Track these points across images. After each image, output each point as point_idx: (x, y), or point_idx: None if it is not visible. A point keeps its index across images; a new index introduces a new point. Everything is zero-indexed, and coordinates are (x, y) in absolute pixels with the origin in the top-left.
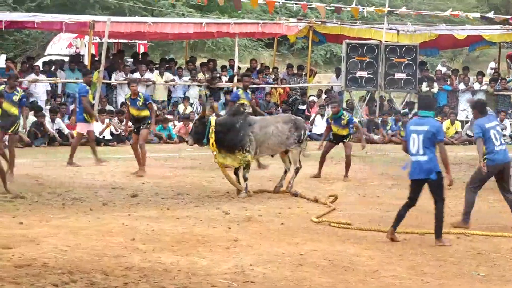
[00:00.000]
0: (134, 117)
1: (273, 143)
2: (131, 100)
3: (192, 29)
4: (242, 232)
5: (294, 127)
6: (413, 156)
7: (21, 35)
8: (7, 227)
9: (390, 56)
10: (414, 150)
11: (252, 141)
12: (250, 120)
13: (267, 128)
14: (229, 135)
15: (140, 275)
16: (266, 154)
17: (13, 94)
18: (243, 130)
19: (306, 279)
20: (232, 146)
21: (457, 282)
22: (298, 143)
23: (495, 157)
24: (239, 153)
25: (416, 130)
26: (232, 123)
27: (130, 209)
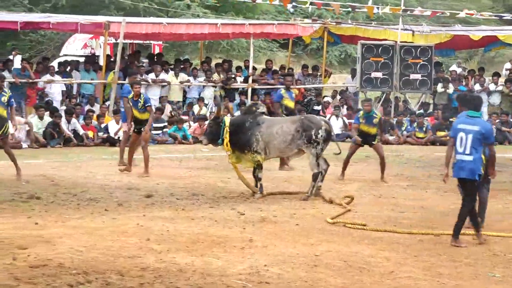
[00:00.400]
0: (136, 118)
1: (279, 144)
2: (133, 101)
3: (207, 30)
4: (257, 233)
5: (302, 127)
6: (459, 155)
7: (36, 35)
8: (23, 227)
9: (405, 56)
10: (460, 149)
11: (259, 141)
12: (259, 120)
13: (272, 128)
14: (240, 135)
15: (155, 275)
16: (276, 155)
17: (1, 95)
18: (251, 130)
19: (321, 280)
20: (242, 146)
21: (472, 283)
22: (309, 144)
23: None
24: (248, 153)
25: (465, 129)
26: (243, 122)
27: (145, 209)
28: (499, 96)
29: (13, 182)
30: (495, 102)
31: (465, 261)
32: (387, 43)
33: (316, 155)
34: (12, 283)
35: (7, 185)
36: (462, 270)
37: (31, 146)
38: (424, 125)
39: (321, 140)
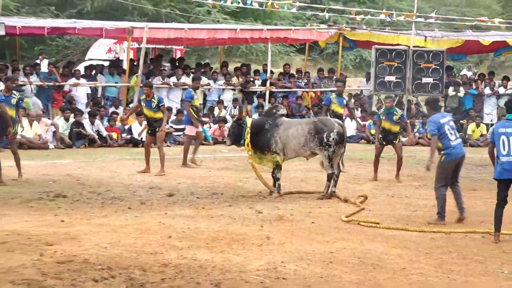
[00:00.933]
0: (149, 119)
1: (294, 145)
2: (146, 102)
3: (227, 35)
4: (274, 231)
5: (314, 130)
6: (504, 157)
7: (62, 40)
8: (50, 225)
9: (417, 61)
10: (504, 152)
11: (278, 142)
12: (277, 122)
13: (289, 130)
14: (260, 136)
15: (176, 271)
16: (293, 156)
17: (10, 97)
18: (270, 131)
19: (336, 276)
20: (262, 147)
21: (482, 279)
22: (322, 146)
23: (452, 152)
24: (268, 154)
25: (506, 132)
26: (263, 124)
27: (167, 208)
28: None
29: (41, 182)
30: None
31: (475, 258)
32: (400, 48)
33: (328, 157)
34: (40, 278)
35: (35, 185)
36: (472, 267)
37: (57, 147)
38: None
39: (333, 143)
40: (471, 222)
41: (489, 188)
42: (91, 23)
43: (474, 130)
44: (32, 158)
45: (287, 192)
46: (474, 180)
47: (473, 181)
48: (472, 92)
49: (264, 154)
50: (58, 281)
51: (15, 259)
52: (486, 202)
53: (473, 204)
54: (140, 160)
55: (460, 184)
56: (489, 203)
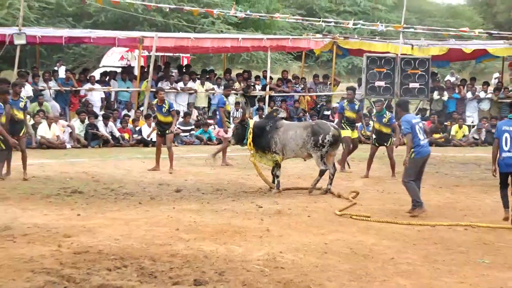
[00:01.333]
0: (161, 122)
1: (293, 146)
2: (158, 107)
3: (230, 44)
4: (273, 224)
5: (312, 133)
6: (506, 153)
7: (79, 49)
8: (67, 218)
9: (405, 67)
10: (506, 148)
11: (277, 143)
12: (278, 124)
13: (288, 132)
14: (261, 137)
15: (183, 261)
16: (291, 156)
17: (18, 101)
18: (270, 133)
19: (330, 266)
20: (263, 147)
21: (465, 269)
22: (316, 147)
23: (421, 150)
24: (269, 153)
25: (509, 130)
26: (264, 126)
27: (175, 203)
28: (489, 102)
29: (59, 179)
30: (485, 108)
31: (458, 249)
32: (389, 56)
33: (320, 156)
34: (58, 267)
35: (53, 181)
36: (455, 257)
37: (74, 146)
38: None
39: (327, 144)
40: (454, 216)
41: (471, 185)
42: (105, 33)
43: (457, 131)
44: (51, 157)
45: (285, 188)
46: (458, 177)
47: (457, 178)
48: (455, 96)
49: (265, 154)
50: (74, 270)
51: (35, 250)
52: (468, 197)
53: (456, 199)
54: (149, 159)
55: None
56: (471, 198)
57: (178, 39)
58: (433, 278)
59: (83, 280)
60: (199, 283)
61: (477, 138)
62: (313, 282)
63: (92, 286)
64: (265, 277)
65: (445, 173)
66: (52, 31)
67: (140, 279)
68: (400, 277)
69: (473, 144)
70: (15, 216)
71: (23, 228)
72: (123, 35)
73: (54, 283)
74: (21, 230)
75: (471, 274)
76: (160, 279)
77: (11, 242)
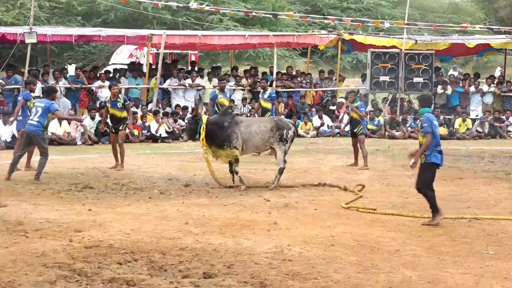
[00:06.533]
0: (115, 118)
1: (256, 141)
2: (112, 102)
3: (237, 41)
4: (281, 217)
5: (276, 127)
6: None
7: (88, 47)
8: (78, 213)
9: (409, 62)
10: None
11: (239, 138)
12: (237, 120)
13: (251, 127)
14: (218, 132)
15: (193, 254)
16: (251, 151)
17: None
18: (230, 128)
19: (337, 258)
20: (221, 142)
21: (469, 259)
22: (280, 142)
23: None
24: (227, 148)
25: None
26: (222, 121)
27: (184, 197)
28: (492, 96)
29: (70, 174)
30: (488, 102)
31: (462, 240)
32: (393, 51)
33: (284, 152)
34: (69, 261)
35: (64, 177)
36: (460, 249)
37: (85, 143)
38: None
39: (289, 139)
40: (459, 208)
41: (474, 177)
42: (114, 31)
43: (460, 125)
44: (62, 153)
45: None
46: (461, 170)
47: (460, 170)
48: (459, 90)
49: (222, 149)
50: (86, 264)
51: (47, 245)
52: (472, 190)
53: (460, 191)
54: (158, 154)
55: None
56: (475, 190)
57: (186, 36)
58: (438, 269)
59: (94, 274)
60: (208, 275)
61: (480, 131)
62: (320, 274)
63: (103, 279)
64: (273, 270)
65: (448, 166)
66: (62, 30)
67: (150, 273)
68: (406, 269)
69: (477, 137)
70: (27, 211)
71: (35, 223)
72: (132, 33)
73: (66, 277)
74: (33, 225)
75: (476, 265)
76: (170, 272)
77: (24, 237)
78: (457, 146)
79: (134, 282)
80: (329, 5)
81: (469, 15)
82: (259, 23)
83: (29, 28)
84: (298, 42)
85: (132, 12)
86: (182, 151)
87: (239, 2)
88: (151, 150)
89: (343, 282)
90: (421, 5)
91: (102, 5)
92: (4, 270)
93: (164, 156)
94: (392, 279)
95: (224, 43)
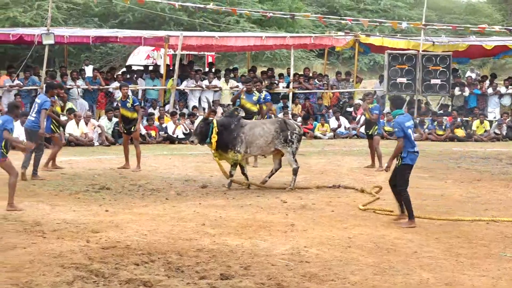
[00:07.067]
0: (126, 118)
1: (262, 143)
2: (122, 102)
3: (253, 42)
4: (297, 218)
5: (280, 128)
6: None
7: (105, 48)
8: (95, 214)
9: (426, 64)
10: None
11: (243, 141)
12: (242, 122)
13: (255, 129)
14: (225, 135)
15: (209, 255)
16: (257, 154)
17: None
18: (236, 130)
19: (354, 259)
20: (226, 145)
21: (487, 262)
22: (286, 143)
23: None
24: (230, 152)
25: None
26: (229, 124)
27: (201, 198)
28: (510, 98)
29: (87, 175)
30: (506, 103)
31: (480, 242)
32: (411, 52)
33: (292, 153)
34: (87, 262)
35: (81, 178)
36: (477, 251)
37: (102, 144)
38: (443, 124)
39: (295, 140)
40: (476, 210)
41: (492, 179)
42: (131, 32)
43: (478, 127)
44: (79, 154)
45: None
46: (479, 172)
47: (478, 172)
48: (476, 92)
49: (226, 152)
50: (103, 264)
51: (65, 245)
52: (489, 192)
53: (477, 193)
54: (175, 156)
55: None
56: (493, 192)
57: (203, 37)
58: (456, 271)
59: (111, 275)
60: (225, 277)
61: (498, 133)
62: (337, 275)
63: (120, 280)
64: (290, 271)
65: (466, 168)
66: (79, 31)
67: (167, 274)
68: (423, 271)
69: (494, 139)
70: (45, 212)
71: (52, 224)
72: (149, 34)
73: (83, 277)
74: (50, 226)
75: (493, 267)
76: (187, 274)
77: (41, 238)
78: (474, 148)
79: (151, 283)
80: (346, 6)
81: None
82: (276, 25)
83: (47, 29)
84: (315, 44)
85: (149, 13)
86: (199, 153)
87: (255, 4)
88: (168, 151)
89: (360, 284)
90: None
91: (119, 6)
92: (21, 271)
93: (181, 157)
94: (409, 281)
95: (240, 44)
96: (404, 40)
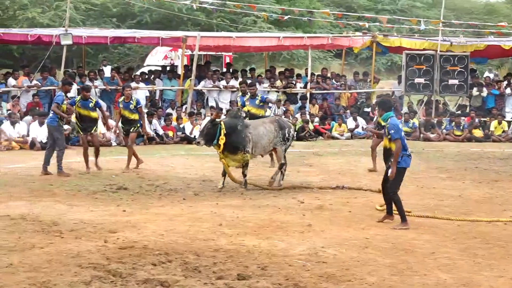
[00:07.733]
0: (126, 119)
1: (265, 143)
2: (124, 103)
3: (271, 42)
4: (314, 219)
5: (279, 127)
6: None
7: (123, 48)
8: (113, 214)
9: (444, 64)
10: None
11: (251, 141)
12: (246, 123)
13: (259, 129)
14: (233, 136)
15: (226, 256)
16: (258, 154)
17: (88, 101)
18: (243, 131)
19: (371, 260)
20: (235, 147)
21: (504, 262)
22: (283, 141)
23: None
24: (240, 153)
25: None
26: (236, 125)
27: (218, 198)
28: None
29: (105, 176)
30: None
31: (497, 243)
32: (428, 53)
33: (284, 150)
34: (104, 262)
35: (99, 178)
36: (495, 251)
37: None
38: (461, 124)
39: (291, 138)
40: (494, 211)
41: (510, 180)
42: (149, 33)
43: (496, 127)
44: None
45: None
46: (497, 172)
47: (496, 173)
48: (494, 92)
49: (235, 154)
50: (120, 265)
51: (82, 245)
52: (507, 192)
53: (495, 193)
54: (193, 156)
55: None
56: (510, 193)
57: (220, 38)
58: (473, 272)
59: (129, 275)
60: (242, 277)
61: None
62: (354, 276)
63: (138, 280)
64: (307, 272)
65: (484, 168)
66: (97, 32)
67: (185, 274)
68: (440, 271)
69: None
70: (62, 212)
71: (70, 224)
72: (166, 34)
73: (101, 277)
74: (68, 226)
75: (511, 268)
76: (204, 274)
77: (59, 238)
78: (492, 149)
79: (168, 283)
80: (364, 6)
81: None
82: (293, 25)
83: (65, 29)
84: (332, 44)
85: (167, 13)
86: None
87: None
88: (186, 151)
89: (378, 285)
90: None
91: (136, 7)
92: (39, 270)
93: (198, 157)
94: (426, 282)
95: (258, 44)
96: (422, 40)
